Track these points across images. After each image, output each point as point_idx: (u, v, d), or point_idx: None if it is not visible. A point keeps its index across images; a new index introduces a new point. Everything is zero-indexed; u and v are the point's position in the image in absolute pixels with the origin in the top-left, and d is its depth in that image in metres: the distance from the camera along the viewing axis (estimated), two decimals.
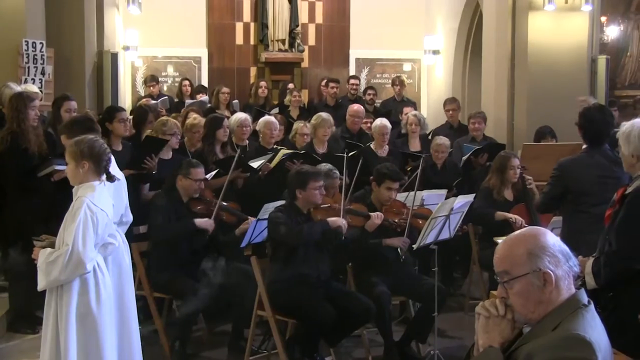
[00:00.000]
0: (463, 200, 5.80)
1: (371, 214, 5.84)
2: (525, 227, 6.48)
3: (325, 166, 6.46)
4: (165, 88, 12.67)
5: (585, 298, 2.62)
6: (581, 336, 2.45)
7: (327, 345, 5.72)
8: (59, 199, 5.89)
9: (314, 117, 8.03)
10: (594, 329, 2.52)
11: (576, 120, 5.61)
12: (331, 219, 5.55)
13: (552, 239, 2.63)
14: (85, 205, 4.08)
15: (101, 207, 4.16)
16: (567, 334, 2.48)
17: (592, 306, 2.61)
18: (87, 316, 4.18)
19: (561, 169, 5.54)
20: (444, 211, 5.60)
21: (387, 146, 8.10)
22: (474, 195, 6.30)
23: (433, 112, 13.05)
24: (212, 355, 6.18)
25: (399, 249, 5.91)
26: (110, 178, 4.31)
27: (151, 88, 11.50)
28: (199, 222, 5.98)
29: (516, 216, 6.72)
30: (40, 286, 4.17)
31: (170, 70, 13.27)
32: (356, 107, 9.11)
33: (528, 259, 2.57)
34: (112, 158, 4.51)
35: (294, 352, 5.50)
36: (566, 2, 9.62)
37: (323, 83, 12.16)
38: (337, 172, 6.42)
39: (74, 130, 5.02)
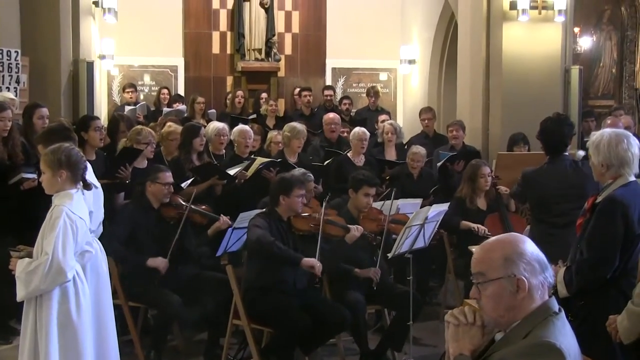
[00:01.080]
0: (437, 209, 5.85)
1: (351, 226, 5.84)
2: (489, 236, 6.65)
3: (298, 170, 6.50)
4: (142, 97, 12.61)
5: (556, 306, 2.65)
6: (551, 343, 2.48)
7: (302, 354, 5.73)
8: (30, 207, 5.90)
9: (288, 129, 7.90)
10: (564, 336, 2.54)
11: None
12: (305, 260, 5.42)
13: (531, 247, 2.66)
14: (64, 214, 4.07)
15: (79, 215, 4.15)
16: (538, 340, 2.50)
17: (562, 314, 2.64)
18: (67, 325, 4.15)
19: (524, 178, 5.70)
20: (419, 220, 5.64)
21: (363, 155, 8.13)
22: (448, 204, 6.34)
23: (409, 122, 13.11)
24: None
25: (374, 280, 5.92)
26: (87, 186, 4.31)
27: (130, 94, 11.46)
28: (152, 261, 5.87)
29: (479, 225, 6.79)
30: (20, 296, 4.14)
31: (146, 79, 13.22)
32: (332, 115, 9.16)
33: (504, 263, 2.61)
34: (89, 166, 4.50)
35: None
36: (539, 13, 9.72)
37: (296, 92, 12.20)
38: (311, 176, 6.49)
39: (51, 140, 4.99)
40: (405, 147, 9.18)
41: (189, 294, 5.90)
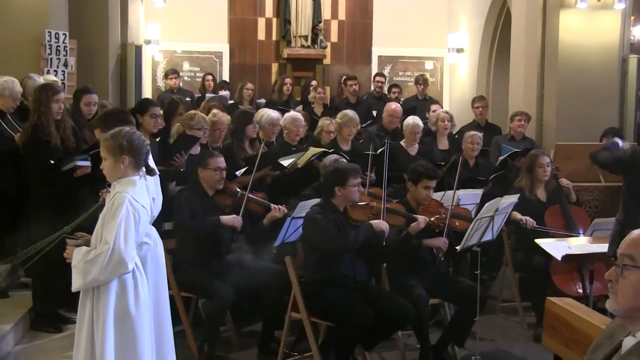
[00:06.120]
0: (508, 201, 5.62)
1: (416, 216, 5.64)
2: (537, 228, 6.45)
3: (330, 158, 6.43)
4: (181, 84, 12.44)
5: None
6: None
7: (363, 349, 5.55)
8: (82, 194, 5.78)
9: (340, 116, 7.85)
10: None
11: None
12: (375, 222, 5.33)
13: None
14: (127, 202, 3.83)
15: (142, 204, 3.93)
16: None
17: None
18: (125, 319, 3.94)
19: (634, 152, 5.76)
20: (489, 212, 5.42)
21: (417, 145, 7.96)
22: (517, 195, 6.12)
23: (456, 111, 12.73)
24: (242, 357, 5.99)
25: (435, 250, 5.74)
26: (150, 171, 4.12)
27: (174, 80, 11.36)
28: (225, 219, 5.79)
29: (527, 218, 6.58)
30: (76, 286, 3.91)
31: (191, 65, 13.12)
32: (394, 106, 8.96)
33: None
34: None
35: (328, 355, 5.33)
36: (599, 0, 9.42)
37: (342, 80, 12.04)
38: (345, 161, 6.30)
39: (108, 124, 4.84)
40: (456, 136, 8.99)
41: (243, 284, 5.74)
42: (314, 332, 5.49)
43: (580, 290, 6.21)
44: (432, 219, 5.74)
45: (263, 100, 10.77)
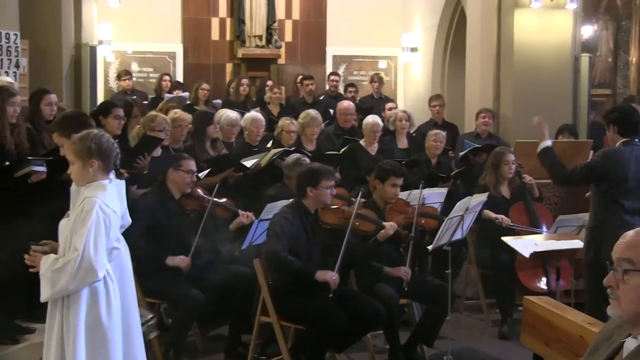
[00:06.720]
0: (478, 200, 5.64)
1: (385, 223, 5.55)
2: (512, 226, 6.49)
3: (291, 157, 6.34)
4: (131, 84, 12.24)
5: None
6: None
7: (334, 351, 5.49)
8: (39, 199, 5.60)
9: (302, 116, 7.81)
10: None
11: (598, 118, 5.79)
12: (319, 273, 5.10)
13: None
14: (97, 207, 3.70)
15: (113, 209, 3.80)
16: None
17: None
18: (96, 329, 3.79)
19: (606, 156, 5.66)
20: (459, 211, 5.42)
21: (376, 144, 7.95)
22: (487, 194, 6.14)
23: (411, 110, 12.81)
24: None
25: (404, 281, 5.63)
26: (121, 175, 4.00)
27: (127, 81, 11.15)
28: (172, 260, 5.59)
29: (503, 217, 6.62)
30: (45, 296, 3.75)
31: (144, 65, 12.91)
32: (346, 104, 8.92)
33: None
34: None
35: (298, 358, 5.25)
36: (551, 0, 9.54)
37: (298, 80, 11.99)
38: (307, 160, 6.24)
39: (67, 127, 4.67)
40: (413, 134, 9.01)
41: (208, 288, 5.63)
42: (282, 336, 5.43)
43: (545, 287, 6.27)
44: (398, 218, 5.70)
45: (219, 101, 10.65)
